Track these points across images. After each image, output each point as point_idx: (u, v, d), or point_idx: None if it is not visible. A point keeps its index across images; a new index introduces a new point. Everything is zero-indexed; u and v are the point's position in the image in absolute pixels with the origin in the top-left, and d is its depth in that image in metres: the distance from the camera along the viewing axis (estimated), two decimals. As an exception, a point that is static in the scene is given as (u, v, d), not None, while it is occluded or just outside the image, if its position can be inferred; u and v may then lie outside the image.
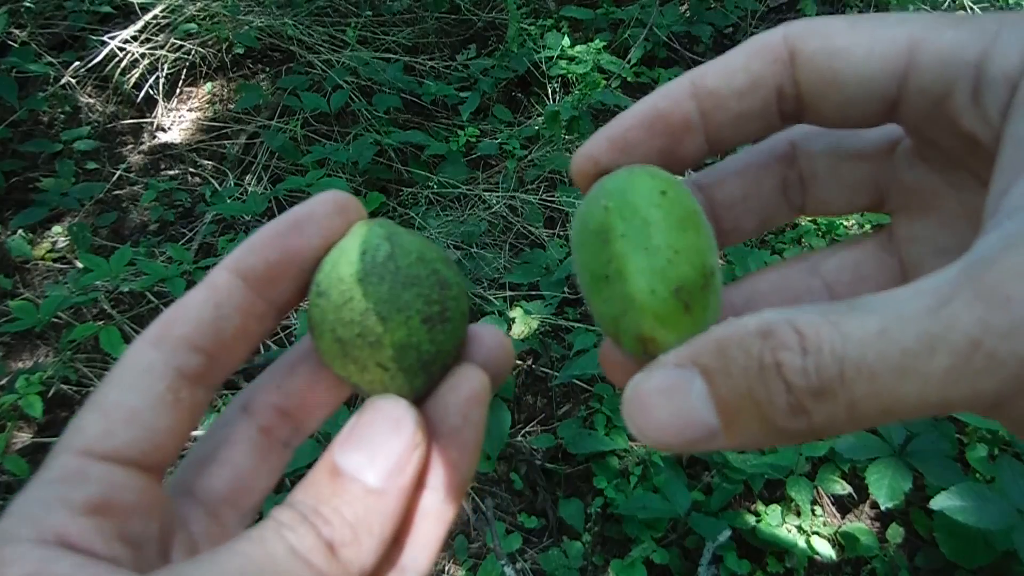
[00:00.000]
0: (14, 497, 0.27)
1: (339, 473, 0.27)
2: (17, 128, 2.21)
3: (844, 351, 0.21)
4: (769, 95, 0.29)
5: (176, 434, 0.29)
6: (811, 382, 0.21)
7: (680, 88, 0.30)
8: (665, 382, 0.25)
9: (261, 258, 0.31)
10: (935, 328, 0.20)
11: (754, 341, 0.22)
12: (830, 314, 0.22)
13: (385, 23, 2.60)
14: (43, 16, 2.41)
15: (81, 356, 1.71)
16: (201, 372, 0.30)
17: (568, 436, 1.54)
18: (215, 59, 2.45)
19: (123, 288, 1.78)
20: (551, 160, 2.14)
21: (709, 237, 0.29)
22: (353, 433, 0.28)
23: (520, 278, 1.85)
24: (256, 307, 0.31)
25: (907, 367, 0.20)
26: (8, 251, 1.94)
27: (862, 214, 0.81)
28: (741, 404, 0.23)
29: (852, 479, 1.49)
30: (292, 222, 0.31)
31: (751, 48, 0.30)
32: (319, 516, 0.26)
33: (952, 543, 1.31)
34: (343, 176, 2.07)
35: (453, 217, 2.04)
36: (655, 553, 1.39)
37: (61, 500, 0.26)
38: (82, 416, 0.28)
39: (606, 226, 0.28)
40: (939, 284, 0.21)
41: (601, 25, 2.54)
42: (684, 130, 0.31)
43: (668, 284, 0.27)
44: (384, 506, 0.27)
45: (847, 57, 0.28)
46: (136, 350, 0.29)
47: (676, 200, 0.28)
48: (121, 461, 0.27)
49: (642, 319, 0.27)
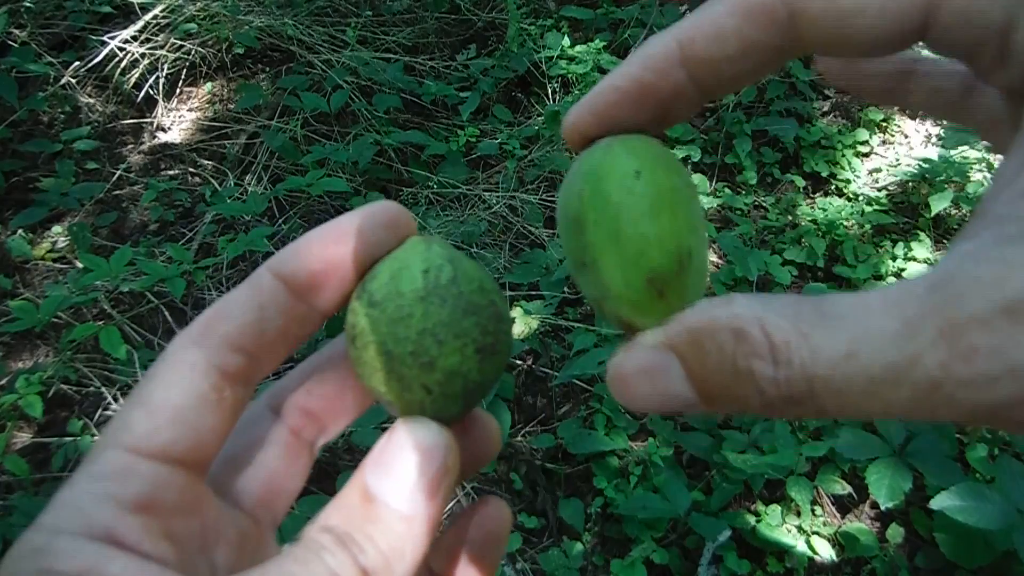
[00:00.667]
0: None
1: (371, 498, 0.27)
2: (17, 128, 2.21)
3: (813, 368, 0.21)
4: (766, 56, 0.27)
5: (218, 433, 0.29)
6: (782, 392, 0.22)
7: (667, 55, 0.28)
8: (644, 363, 0.25)
9: (305, 265, 0.30)
10: (900, 362, 0.20)
11: (727, 339, 0.23)
12: (800, 322, 0.22)
13: (385, 23, 2.61)
14: (43, 16, 2.41)
15: (81, 356, 1.71)
16: (242, 372, 0.30)
17: (568, 436, 1.54)
18: (215, 59, 2.45)
19: (123, 288, 1.78)
20: (551, 160, 2.14)
21: (689, 215, 0.28)
22: (384, 456, 0.28)
23: (520, 278, 1.85)
24: (298, 310, 0.31)
25: (872, 391, 0.21)
26: (8, 251, 1.94)
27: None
28: (718, 390, 0.24)
29: (852, 479, 1.49)
30: (339, 231, 0.31)
31: (744, 8, 0.26)
32: (354, 543, 0.26)
33: (952, 543, 1.31)
34: (343, 176, 2.07)
35: (453, 217, 2.04)
36: (655, 553, 1.39)
37: (111, 496, 0.26)
38: (128, 412, 0.28)
39: (580, 215, 0.28)
40: (907, 302, 0.21)
41: (601, 25, 2.54)
42: (674, 98, 0.29)
43: (640, 273, 0.27)
44: (415, 532, 0.27)
45: (857, 21, 0.25)
46: (178, 347, 0.29)
47: (651, 181, 0.28)
48: (167, 459, 0.28)
49: (619, 307, 0.28)
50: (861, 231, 2.09)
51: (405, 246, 0.31)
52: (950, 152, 2.12)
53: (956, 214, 2.12)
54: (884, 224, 2.09)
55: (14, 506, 1.42)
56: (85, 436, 1.57)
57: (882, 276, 1.96)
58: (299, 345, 0.32)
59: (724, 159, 2.28)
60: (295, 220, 2.03)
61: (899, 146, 2.42)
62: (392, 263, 0.31)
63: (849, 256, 1.99)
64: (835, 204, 2.16)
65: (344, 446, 1.54)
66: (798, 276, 1.99)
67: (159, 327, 1.81)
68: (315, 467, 0.36)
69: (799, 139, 2.31)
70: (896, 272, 1.97)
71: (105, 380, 1.67)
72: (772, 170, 2.29)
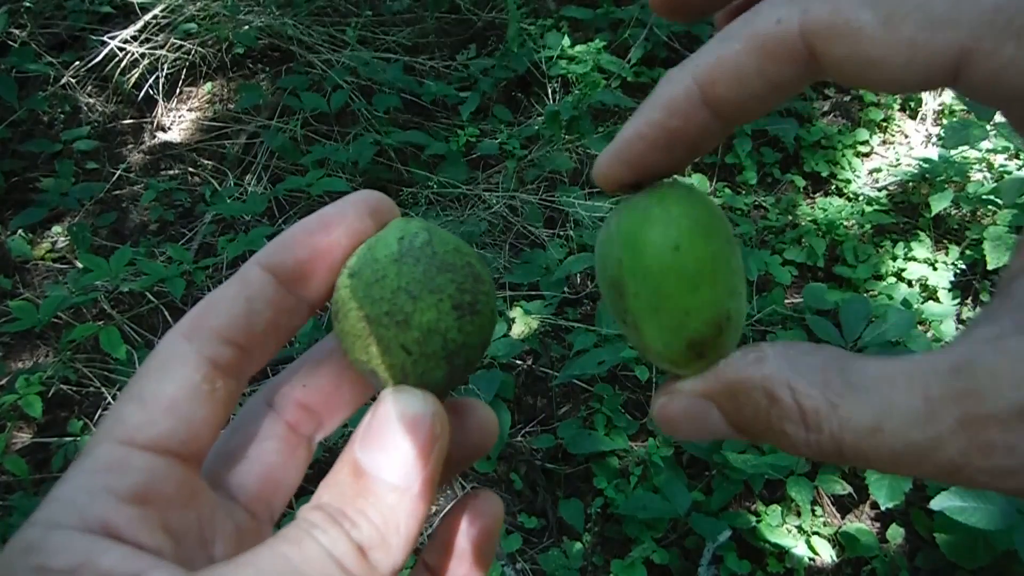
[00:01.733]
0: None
1: (362, 473, 0.27)
2: (17, 128, 2.21)
3: (842, 436, 0.23)
4: (790, 89, 0.26)
5: (212, 425, 0.29)
6: (813, 450, 0.24)
7: (688, 98, 0.27)
8: (685, 409, 0.28)
9: (291, 255, 0.31)
10: (922, 443, 0.22)
11: (761, 398, 0.25)
12: (828, 392, 0.24)
13: (385, 23, 2.60)
14: (43, 16, 2.41)
15: (81, 356, 1.71)
16: (233, 364, 0.30)
17: (568, 436, 1.54)
18: (215, 59, 2.45)
19: (123, 288, 1.78)
20: (551, 160, 2.14)
21: (729, 276, 0.28)
22: (372, 429, 0.28)
23: (520, 278, 1.84)
24: (286, 302, 0.31)
25: (897, 463, 0.23)
26: (8, 251, 1.94)
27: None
28: (755, 435, 0.26)
29: (852, 479, 1.49)
30: (323, 220, 0.31)
31: (762, 44, 0.25)
32: (346, 518, 0.26)
33: (952, 543, 1.31)
34: (343, 176, 2.07)
35: (453, 217, 2.04)
36: (655, 553, 1.39)
37: (105, 488, 0.26)
38: (120, 406, 0.28)
39: (619, 281, 0.29)
40: (930, 381, 0.22)
41: (601, 25, 2.54)
42: (701, 139, 0.28)
43: (681, 340, 0.28)
44: (409, 503, 0.27)
45: (883, 69, 0.24)
46: (169, 342, 0.30)
47: (690, 252, 0.28)
48: (161, 451, 0.28)
49: (659, 363, 0.29)
50: (861, 231, 2.09)
51: (387, 226, 0.32)
52: (950, 152, 2.11)
53: (956, 214, 2.12)
54: (884, 224, 2.09)
55: (14, 506, 1.42)
56: (85, 436, 1.57)
57: (882, 276, 1.96)
58: (289, 337, 0.32)
59: (724, 159, 2.28)
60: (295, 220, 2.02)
61: (899, 146, 2.42)
62: (371, 240, 0.31)
63: (849, 256, 1.99)
64: (835, 204, 2.16)
65: (344, 444, 1.54)
66: (798, 276, 1.99)
67: (159, 327, 1.81)
68: (315, 466, 0.36)
69: (799, 139, 2.31)
70: (896, 272, 1.97)
71: (105, 380, 1.67)
72: (772, 170, 2.29)
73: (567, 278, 1.86)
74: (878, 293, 1.89)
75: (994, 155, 2.14)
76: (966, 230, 2.05)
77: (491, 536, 0.33)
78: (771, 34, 0.25)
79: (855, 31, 0.23)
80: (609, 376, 1.67)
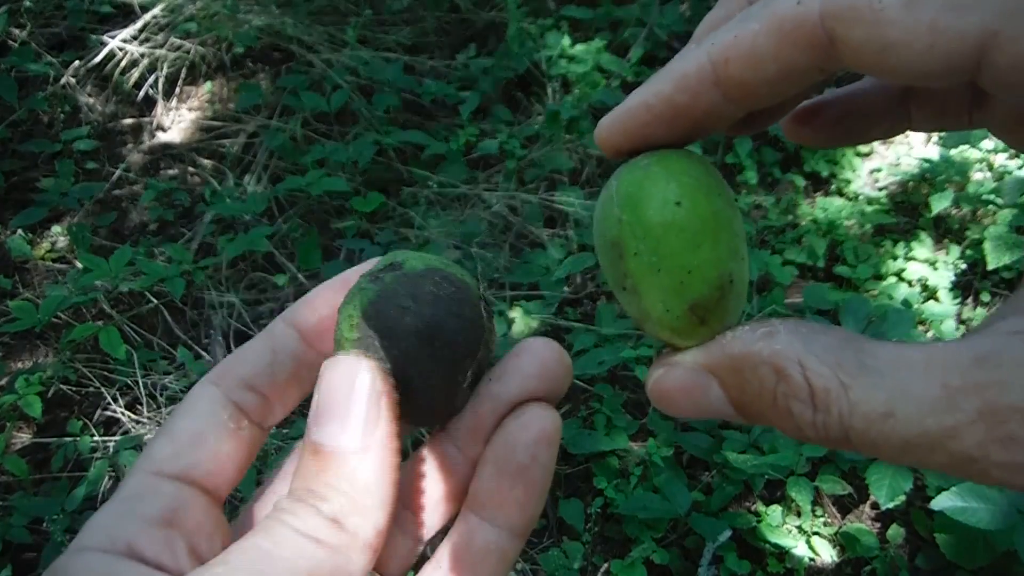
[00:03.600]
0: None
1: (319, 449, 0.27)
2: (17, 128, 2.21)
3: (851, 420, 0.22)
4: (806, 78, 0.25)
5: (236, 463, 0.31)
6: (819, 434, 0.23)
7: (700, 76, 0.26)
8: (684, 382, 0.27)
9: (313, 312, 0.33)
10: (937, 432, 0.21)
11: (767, 374, 0.24)
12: (841, 372, 0.22)
13: (385, 22, 2.60)
14: (43, 16, 2.41)
15: (81, 356, 1.71)
16: (257, 410, 0.32)
17: (568, 436, 1.54)
18: (215, 59, 2.44)
19: (123, 288, 1.78)
20: (551, 160, 2.14)
21: (731, 238, 0.28)
22: (319, 406, 0.28)
23: (520, 278, 1.84)
24: (308, 355, 0.33)
25: (907, 452, 0.22)
26: (8, 251, 1.94)
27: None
28: (756, 414, 0.25)
29: (852, 479, 1.48)
30: (343, 281, 0.33)
31: (780, 28, 0.24)
32: (314, 495, 0.26)
33: (953, 543, 1.31)
34: (343, 176, 2.06)
35: (453, 217, 2.04)
36: (655, 553, 1.39)
37: (133, 512, 0.28)
38: (152, 442, 0.30)
39: (620, 241, 0.28)
40: (951, 369, 0.21)
41: (601, 25, 2.54)
42: (707, 120, 0.28)
43: (683, 302, 0.27)
44: (372, 464, 0.27)
45: (903, 54, 0.22)
46: (199, 387, 0.32)
47: (692, 210, 0.27)
48: (188, 480, 0.29)
49: (659, 331, 0.28)
50: (861, 231, 2.09)
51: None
52: (950, 152, 2.11)
53: (956, 214, 2.12)
54: (885, 224, 2.09)
55: (14, 506, 1.41)
56: (84, 436, 1.57)
57: (882, 276, 1.96)
58: (309, 390, 0.33)
59: (724, 159, 2.28)
60: (295, 220, 2.03)
61: (899, 146, 2.42)
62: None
63: (850, 256, 1.99)
64: (835, 204, 2.16)
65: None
66: (799, 276, 1.98)
67: (159, 327, 1.81)
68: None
69: (799, 139, 2.30)
70: (897, 272, 1.97)
71: (104, 380, 1.67)
72: (772, 170, 2.29)
73: (567, 278, 1.86)
74: (878, 293, 1.89)
75: (995, 155, 2.14)
76: (966, 230, 2.05)
77: (548, 444, 0.31)
78: (790, 15, 0.24)
79: (876, 13, 0.22)
80: (609, 376, 1.67)
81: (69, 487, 1.47)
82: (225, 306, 1.82)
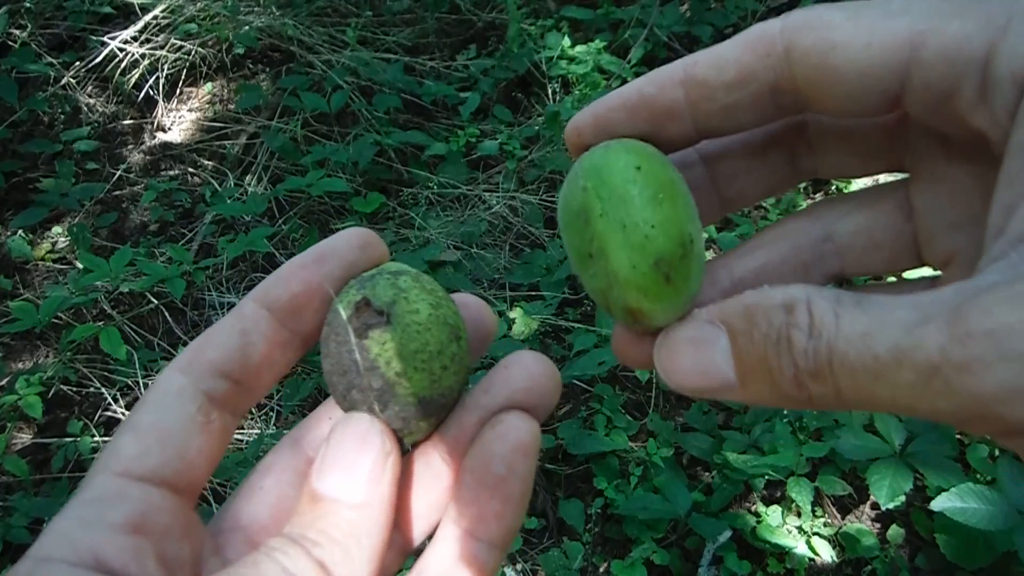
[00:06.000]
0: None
1: (319, 498, 0.27)
2: (17, 128, 2.21)
3: (835, 342, 0.23)
4: (761, 89, 0.29)
5: (207, 457, 0.30)
6: (809, 364, 0.24)
7: (670, 75, 0.30)
8: (695, 334, 0.28)
9: (285, 289, 0.32)
10: (905, 344, 0.22)
11: (778, 313, 0.25)
12: (839, 304, 0.24)
13: (385, 23, 2.60)
14: (43, 16, 2.41)
15: (81, 357, 1.71)
16: (228, 397, 0.31)
17: (568, 436, 1.54)
18: (215, 59, 2.45)
19: (123, 288, 1.78)
20: (551, 160, 2.14)
21: (687, 205, 0.30)
22: (326, 457, 0.28)
23: (520, 278, 1.84)
24: (280, 336, 0.32)
25: (879, 373, 0.22)
26: (8, 251, 1.94)
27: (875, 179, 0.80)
28: (756, 366, 0.25)
29: (852, 479, 1.48)
30: (315, 256, 0.32)
31: (747, 39, 0.29)
32: (307, 539, 0.26)
33: (953, 544, 1.31)
34: (343, 176, 2.07)
35: (453, 217, 2.04)
36: (655, 554, 1.39)
37: (100, 519, 0.27)
38: (117, 438, 0.29)
39: (586, 206, 0.30)
40: (932, 301, 0.22)
41: (601, 25, 2.54)
42: (667, 117, 0.30)
43: (648, 258, 0.29)
44: (368, 518, 0.27)
45: (844, 52, 0.26)
46: (166, 376, 0.30)
47: (651, 173, 0.29)
48: (156, 482, 0.28)
49: (627, 293, 0.29)
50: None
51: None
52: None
53: (956, 214, 2.12)
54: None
55: (14, 507, 1.42)
56: (85, 437, 1.57)
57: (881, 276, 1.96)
58: (284, 372, 0.33)
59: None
60: (295, 220, 2.03)
61: (899, 146, 2.42)
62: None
63: (849, 256, 1.99)
64: (835, 204, 2.16)
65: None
66: (798, 276, 1.99)
67: (159, 328, 1.81)
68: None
69: (799, 139, 2.30)
70: (896, 272, 1.97)
71: (105, 381, 1.67)
72: (772, 170, 2.29)
73: (567, 278, 1.86)
74: (878, 293, 1.89)
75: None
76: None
77: (525, 455, 0.31)
78: (757, 29, 0.28)
79: (824, 21, 0.27)
80: (609, 376, 1.67)
81: (69, 487, 1.47)
82: (226, 307, 1.82)
